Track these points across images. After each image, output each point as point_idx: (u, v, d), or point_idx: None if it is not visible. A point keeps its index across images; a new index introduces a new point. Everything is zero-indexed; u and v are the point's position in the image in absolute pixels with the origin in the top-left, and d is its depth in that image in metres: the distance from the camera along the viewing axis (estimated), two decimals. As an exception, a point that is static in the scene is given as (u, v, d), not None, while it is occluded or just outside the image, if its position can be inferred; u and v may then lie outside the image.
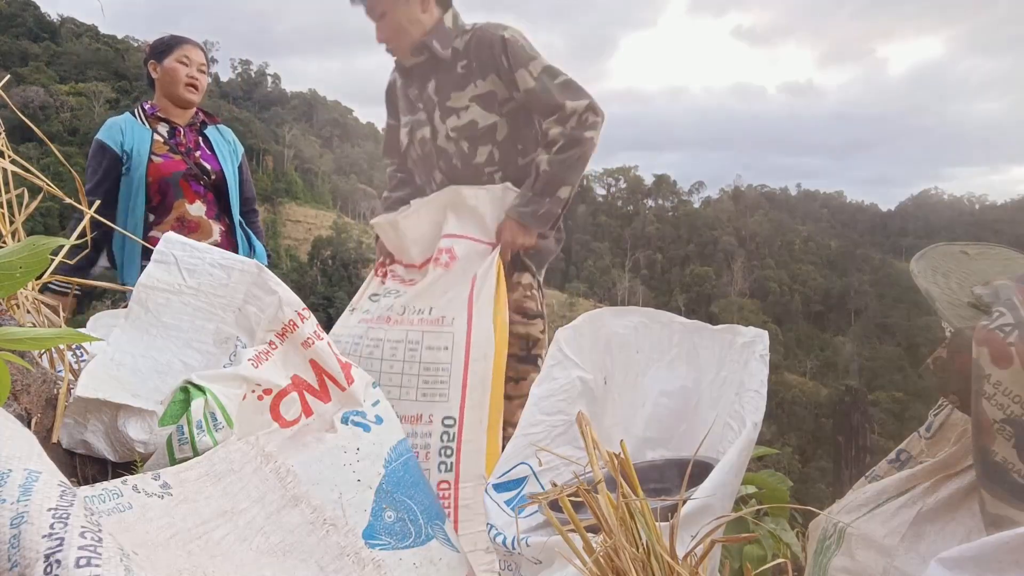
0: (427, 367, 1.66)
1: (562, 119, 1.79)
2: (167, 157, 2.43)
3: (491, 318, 1.69)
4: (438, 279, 1.75)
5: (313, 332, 1.19)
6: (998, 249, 1.24)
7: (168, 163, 2.42)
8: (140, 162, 2.38)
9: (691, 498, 0.88)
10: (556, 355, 1.30)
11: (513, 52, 1.82)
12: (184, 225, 2.42)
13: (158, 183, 2.39)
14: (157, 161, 2.40)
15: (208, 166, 2.49)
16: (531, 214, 1.77)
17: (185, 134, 2.52)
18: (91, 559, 0.58)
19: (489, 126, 1.88)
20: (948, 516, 1.07)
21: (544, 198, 1.77)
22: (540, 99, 1.82)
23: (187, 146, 2.50)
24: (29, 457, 0.66)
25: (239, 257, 1.21)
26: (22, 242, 0.84)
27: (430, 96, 1.96)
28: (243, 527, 0.95)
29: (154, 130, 2.45)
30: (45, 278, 1.31)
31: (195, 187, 2.45)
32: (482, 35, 1.88)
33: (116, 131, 2.41)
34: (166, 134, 2.47)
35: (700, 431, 1.14)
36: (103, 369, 1.05)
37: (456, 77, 1.91)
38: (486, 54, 1.86)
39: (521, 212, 1.78)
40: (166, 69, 2.46)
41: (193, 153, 2.49)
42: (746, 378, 1.13)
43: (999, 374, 0.92)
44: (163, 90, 2.49)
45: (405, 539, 1.13)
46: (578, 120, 1.78)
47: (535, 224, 1.78)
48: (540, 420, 1.24)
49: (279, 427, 1.14)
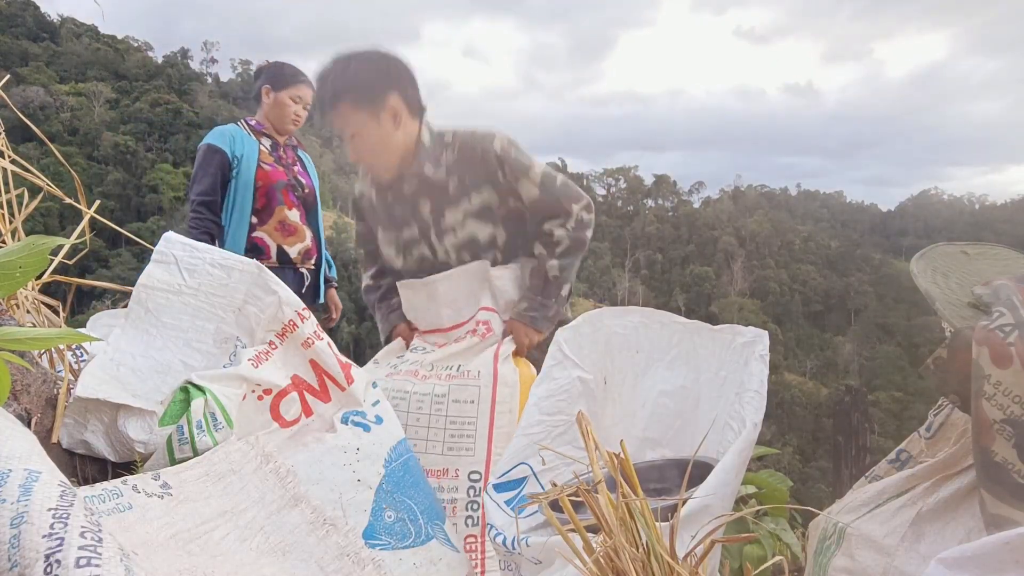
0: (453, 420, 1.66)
1: (566, 222, 1.83)
2: (273, 167, 2.68)
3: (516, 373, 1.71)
4: (473, 346, 1.78)
5: (313, 332, 1.19)
6: (998, 249, 1.24)
7: (275, 172, 2.67)
8: (249, 168, 2.62)
9: (691, 498, 0.88)
10: (556, 355, 1.30)
11: (511, 166, 1.80)
12: (284, 228, 2.67)
13: (265, 189, 2.63)
14: (266, 168, 2.65)
15: (303, 181, 2.78)
16: (543, 318, 1.81)
17: (284, 150, 2.80)
18: (91, 559, 0.58)
19: (489, 237, 1.87)
20: (948, 516, 1.07)
21: (551, 299, 1.82)
22: (546, 205, 1.84)
23: (287, 160, 2.78)
24: (29, 457, 0.66)
25: (239, 257, 1.21)
26: (22, 242, 0.84)
27: (424, 217, 1.90)
28: (243, 527, 0.95)
29: (259, 142, 2.71)
30: (45, 278, 1.31)
31: (292, 197, 2.70)
32: (471, 151, 1.83)
33: (227, 137, 2.64)
34: (269, 147, 2.73)
35: (700, 431, 1.14)
36: (103, 369, 1.05)
37: (449, 196, 1.86)
38: (479, 170, 1.82)
39: (533, 317, 1.81)
40: (278, 101, 2.72)
41: (292, 167, 2.78)
42: (746, 378, 1.13)
43: (999, 374, 0.92)
44: (269, 114, 2.74)
45: (405, 539, 1.13)
46: (579, 222, 1.83)
47: (546, 326, 1.81)
48: (540, 420, 1.24)
49: (279, 427, 1.14)
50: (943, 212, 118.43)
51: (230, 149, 2.62)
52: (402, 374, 1.78)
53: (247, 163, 2.62)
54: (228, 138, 2.64)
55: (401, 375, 1.77)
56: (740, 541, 1.04)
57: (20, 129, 30.14)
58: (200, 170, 2.61)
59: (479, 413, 1.66)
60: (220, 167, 2.60)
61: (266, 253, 2.61)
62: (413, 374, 1.76)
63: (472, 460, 1.63)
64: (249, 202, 2.61)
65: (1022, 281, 1.01)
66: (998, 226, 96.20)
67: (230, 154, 2.61)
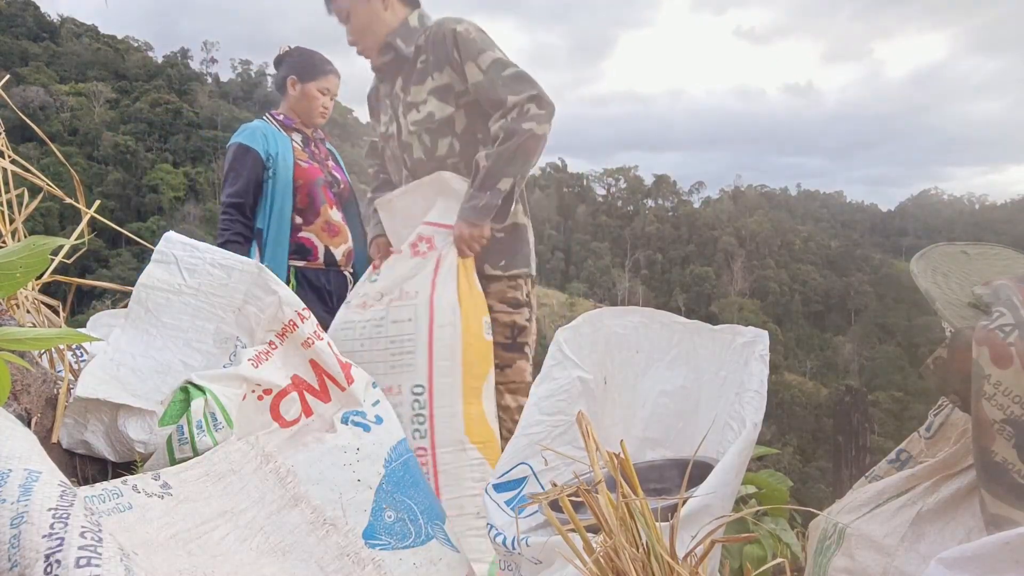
0: (392, 340, 1.72)
1: (504, 113, 1.80)
2: (309, 163, 2.49)
3: (455, 287, 1.73)
4: (414, 266, 1.80)
5: (313, 332, 1.19)
6: (998, 249, 1.24)
7: (312, 168, 2.48)
8: (286, 166, 2.42)
9: (691, 498, 0.88)
10: (556, 355, 1.30)
11: (463, 45, 1.84)
12: (330, 228, 2.48)
13: (306, 187, 2.43)
14: (304, 166, 2.46)
15: (338, 176, 2.57)
16: (471, 208, 1.79)
17: (316, 145, 2.60)
18: (91, 559, 0.58)
19: (446, 118, 1.91)
20: (948, 516, 1.07)
21: (484, 192, 1.78)
22: (486, 93, 1.84)
23: (320, 156, 2.58)
24: (29, 457, 0.66)
25: (239, 257, 1.21)
26: (22, 242, 0.84)
27: (396, 93, 2.01)
28: (243, 527, 0.95)
29: (290, 138, 2.52)
30: (45, 278, 1.31)
31: (331, 194, 2.51)
32: (437, 29, 1.91)
33: (258, 135, 2.44)
34: (301, 142, 2.54)
35: (700, 431, 1.14)
36: (103, 369, 1.05)
37: (416, 72, 1.94)
38: (440, 48, 1.89)
39: (463, 208, 1.80)
40: (306, 93, 2.53)
41: (326, 163, 2.58)
42: (746, 378, 1.13)
43: (999, 374, 0.92)
44: (295, 107, 2.55)
45: (405, 539, 1.13)
46: (519, 112, 1.78)
47: (477, 218, 1.79)
48: (540, 420, 1.24)
49: (279, 427, 1.14)
50: (943, 212, 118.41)
51: (263, 148, 2.42)
52: (352, 307, 1.84)
53: (283, 162, 2.42)
54: (260, 136, 2.44)
55: (351, 308, 1.84)
56: (740, 541, 1.04)
57: (20, 129, 30.16)
58: (231, 171, 2.43)
59: (417, 330, 1.71)
60: (253, 167, 2.40)
61: (313, 255, 2.42)
62: (362, 306, 1.82)
63: (413, 374, 1.69)
64: (290, 202, 2.41)
65: (1022, 281, 1.01)
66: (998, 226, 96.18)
67: (264, 153, 2.41)
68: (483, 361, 1.76)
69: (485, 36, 1.88)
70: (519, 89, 1.79)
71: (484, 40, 1.87)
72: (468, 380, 1.70)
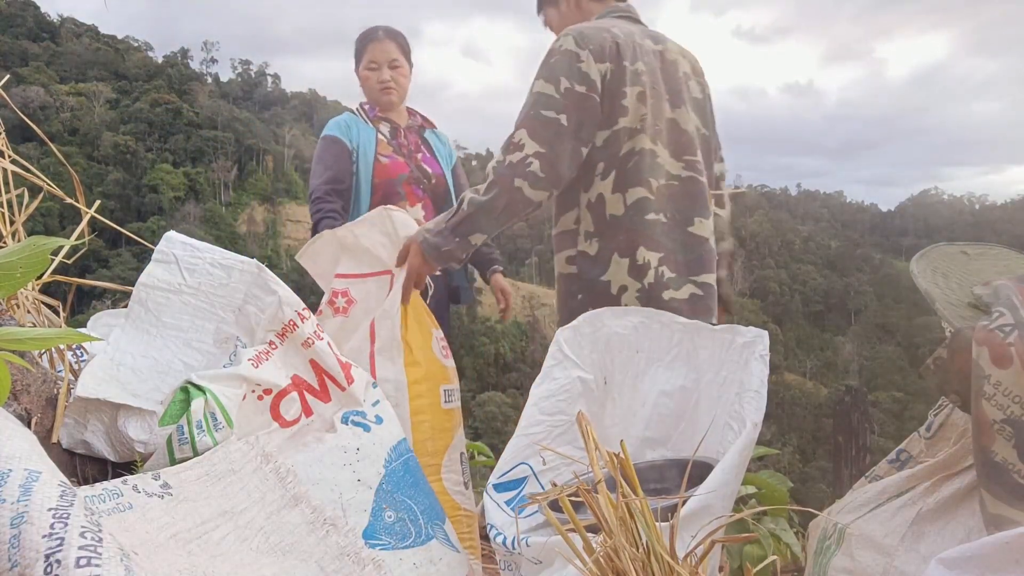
0: None
1: (505, 149, 1.52)
2: (392, 158, 2.37)
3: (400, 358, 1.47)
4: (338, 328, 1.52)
5: (313, 332, 1.19)
6: (998, 249, 1.24)
7: (394, 164, 2.35)
8: (367, 161, 2.33)
9: (691, 498, 0.88)
10: (556, 355, 1.30)
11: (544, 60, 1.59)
12: None
13: (383, 185, 2.32)
14: (384, 162, 2.34)
15: (429, 169, 2.41)
16: (434, 247, 1.51)
17: (406, 135, 2.45)
18: (91, 559, 0.58)
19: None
20: (948, 516, 1.07)
21: (454, 237, 1.51)
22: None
23: (408, 148, 2.43)
24: (29, 457, 0.66)
25: (239, 257, 1.21)
26: (22, 242, 0.84)
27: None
28: (243, 527, 0.95)
29: (376, 129, 2.40)
30: (45, 278, 1.31)
31: (416, 191, 2.37)
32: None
33: (344, 127, 2.36)
34: (388, 134, 2.41)
35: (700, 431, 1.14)
36: (103, 369, 1.05)
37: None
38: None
39: (427, 239, 1.52)
40: (360, 79, 2.43)
41: (415, 155, 2.43)
42: (746, 378, 1.13)
43: (999, 374, 0.92)
44: (368, 96, 2.44)
45: (405, 539, 1.13)
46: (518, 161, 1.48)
47: (435, 258, 1.52)
48: (540, 420, 1.24)
49: (279, 427, 1.14)
50: (943, 212, 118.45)
51: (347, 138, 2.33)
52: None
53: (364, 155, 2.32)
54: (344, 127, 2.35)
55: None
56: (740, 541, 1.04)
57: (20, 129, 30.18)
58: (320, 163, 2.34)
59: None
60: (340, 157, 2.31)
61: None
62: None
63: None
64: (367, 198, 2.31)
65: (1022, 281, 1.01)
66: (998, 226, 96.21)
67: (349, 143, 2.33)
68: (441, 434, 1.50)
69: (563, 62, 1.55)
70: (534, 134, 1.49)
71: (557, 66, 1.55)
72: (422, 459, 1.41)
